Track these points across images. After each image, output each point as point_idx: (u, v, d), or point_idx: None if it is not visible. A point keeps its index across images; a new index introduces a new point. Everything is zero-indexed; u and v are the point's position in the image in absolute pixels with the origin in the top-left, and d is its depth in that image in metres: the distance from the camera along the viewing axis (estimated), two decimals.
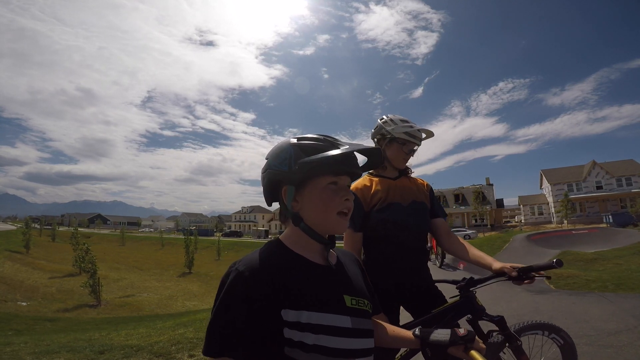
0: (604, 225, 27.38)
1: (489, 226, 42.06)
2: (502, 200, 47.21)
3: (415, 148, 1.91)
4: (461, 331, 1.00)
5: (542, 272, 1.50)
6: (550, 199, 42.45)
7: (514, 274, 1.51)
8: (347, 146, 0.87)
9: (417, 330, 1.06)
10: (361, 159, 0.98)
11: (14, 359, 3.82)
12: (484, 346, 0.99)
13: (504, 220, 48.78)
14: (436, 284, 1.88)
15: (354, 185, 1.90)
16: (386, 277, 1.79)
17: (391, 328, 1.10)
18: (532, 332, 1.78)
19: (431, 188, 2.03)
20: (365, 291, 0.95)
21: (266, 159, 0.93)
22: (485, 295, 1.57)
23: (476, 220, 44.18)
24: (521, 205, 47.11)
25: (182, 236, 34.22)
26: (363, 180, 1.93)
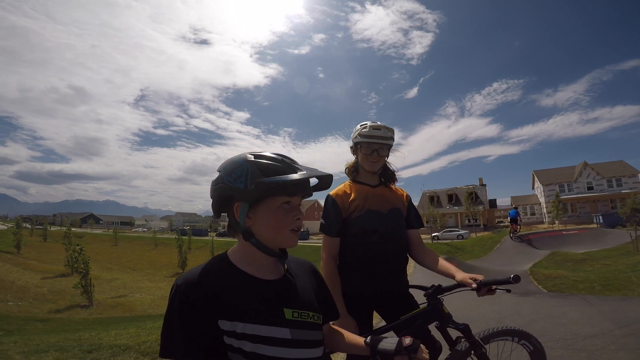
0: (594, 225, 27.75)
1: (481, 226, 42.43)
2: (495, 200, 47.67)
3: (376, 148, 1.91)
4: (407, 341, 1.07)
5: (502, 286, 1.59)
6: (542, 200, 42.95)
7: (474, 285, 1.59)
8: (304, 171, 0.92)
9: (368, 338, 1.15)
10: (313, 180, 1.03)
11: (3, 358, 3.84)
12: (427, 357, 1.07)
13: (496, 220, 49.19)
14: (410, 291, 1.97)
15: (334, 191, 1.98)
16: (359, 283, 1.86)
17: (347, 334, 1.19)
18: (502, 338, 1.84)
19: (410, 198, 2.11)
20: (313, 303, 1.00)
21: (218, 171, 0.96)
22: (468, 297, 1.63)
23: (469, 221, 44.56)
24: (513, 206, 47.57)
25: (175, 236, 34.04)
26: (343, 186, 2.00)
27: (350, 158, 2.08)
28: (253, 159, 0.93)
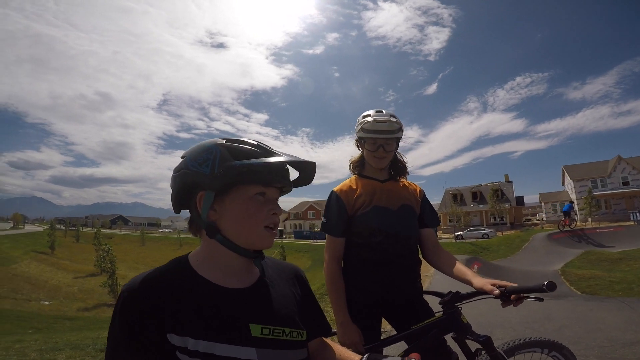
0: (631, 223, 26.14)
1: (508, 224, 40.94)
2: (522, 197, 45.77)
3: (381, 143, 1.69)
4: None
5: (531, 294, 1.34)
6: (573, 196, 40.90)
7: (496, 292, 1.35)
8: (284, 156, 0.78)
9: (365, 356, 0.95)
10: (294, 174, 0.89)
11: (19, 355, 3.92)
12: None
13: (524, 218, 47.34)
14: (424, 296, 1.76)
15: (338, 187, 1.78)
16: (364, 287, 1.67)
17: (340, 351, 0.99)
18: (529, 350, 1.62)
19: (424, 194, 1.87)
20: (291, 318, 0.83)
21: (182, 157, 0.82)
22: (491, 301, 1.40)
23: (495, 219, 43.01)
24: (542, 203, 45.56)
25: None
26: (348, 181, 1.81)
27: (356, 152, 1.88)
28: (224, 142, 0.79)
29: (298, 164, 0.85)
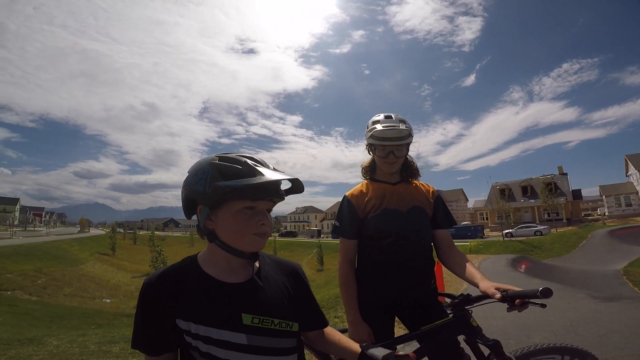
0: None
1: (564, 220, 37.83)
2: (579, 190, 42.04)
3: (391, 149, 1.71)
4: (401, 353, 0.99)
5: (533, 300, 1.27)
6: (639, 188, 36.88)
7: (498, 296, 1.31)
8: (265, 176, 0.86)
9: (363, 345, 1.08)
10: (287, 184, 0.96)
11: (81, 347, 4.42)
12: None
13: (582, 213, 43.44)
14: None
15: (350, 191, 1.84)
16: (375, 288, 1.71)
17: (341, 339, 1.13)
18: (546, 357, 1.54)
19: (438, 195, 1.87)
20: (281, 310, 0.95)
21: (188, 172, 0.95)
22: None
23: (549, 215, 39.85)
24: (603, 196, 41.57)
25: None
26: (360, 186, 1.86)
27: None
28: (217, 162, 0.89)
29: (285, 181, 0.92)
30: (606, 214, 39.46)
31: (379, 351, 1.01)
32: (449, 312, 1.57)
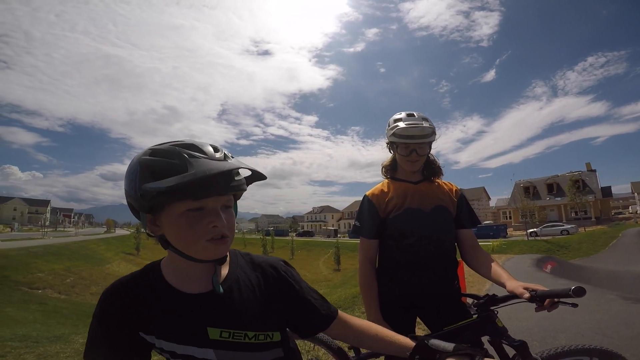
0: None
1: (593, 219, 36.24)
2: (609, 188, 40.06)
3: (414, 148, 1.67)
4: (464, 346, 0.85)
5: (564, 299, 1.20)
6: None
7: (526, 295, 1.26)
8: (205, 168, 0.68)
9: (410, 336, 0.94)
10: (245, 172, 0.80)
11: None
12: None
13: (613, 211, 41.48)
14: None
15: (370, 190, 1.81)
16: (396, 288, 1.67)
17: (375, 331, 0.94)
18: (575, 358, 1.46)
19: (461, 193, 1.81)
20: (255, 321, 0.81)
21: None
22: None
23: (576, 213, 38.28)
24: (635, 194, 39.65)
25: (260, 237, 36.76)
26: (381, 185, 1.82)
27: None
28: (147, 157, 0.72)
29: (227, 172, 0.72)
30: (638, 212, 37.52)
31: (444, 343, 0.86)
32: (472, 312, 1.52)
